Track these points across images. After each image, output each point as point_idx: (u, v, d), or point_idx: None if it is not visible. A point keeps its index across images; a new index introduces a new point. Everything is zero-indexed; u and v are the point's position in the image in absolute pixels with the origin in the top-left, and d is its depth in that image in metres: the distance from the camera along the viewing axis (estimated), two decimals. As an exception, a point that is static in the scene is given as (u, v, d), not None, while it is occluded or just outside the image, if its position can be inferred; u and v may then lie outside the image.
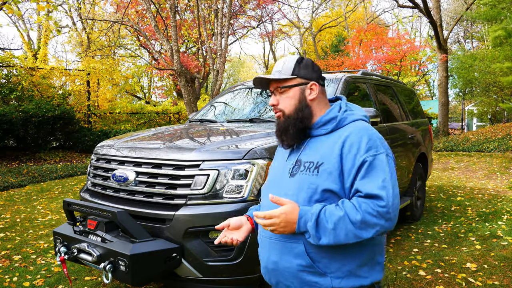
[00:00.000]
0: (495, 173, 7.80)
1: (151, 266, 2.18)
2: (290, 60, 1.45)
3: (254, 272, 2.31)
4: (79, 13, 17.51)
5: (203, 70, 11.16)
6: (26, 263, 3.55)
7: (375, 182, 1.25)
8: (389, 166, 1.30)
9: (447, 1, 30.03)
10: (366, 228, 1.22)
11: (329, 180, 1.30)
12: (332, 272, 1.30)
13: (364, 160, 1.28)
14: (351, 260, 1.31)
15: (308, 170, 1.35)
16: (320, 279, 1.30)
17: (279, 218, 1.25)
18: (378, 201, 1.23)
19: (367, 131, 1.35)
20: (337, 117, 1.41)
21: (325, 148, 1.36)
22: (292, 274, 1.34)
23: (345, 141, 1.32)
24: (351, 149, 1.30)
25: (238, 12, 15.44)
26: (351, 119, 1.41)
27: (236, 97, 4.10)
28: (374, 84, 4.26)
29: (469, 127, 23.03)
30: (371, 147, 1.30)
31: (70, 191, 6.82)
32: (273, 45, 27.21)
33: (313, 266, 1.31)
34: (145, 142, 2.84)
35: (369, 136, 1.33)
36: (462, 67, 16.25)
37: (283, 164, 1.47)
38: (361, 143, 1.30)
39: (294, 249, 1.33)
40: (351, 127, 1.37)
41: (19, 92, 10.57)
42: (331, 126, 1.40)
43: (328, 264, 1.30)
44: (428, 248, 3.80)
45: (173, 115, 14.38)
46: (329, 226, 1.23)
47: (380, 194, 1.23)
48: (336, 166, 1.30)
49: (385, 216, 1.22)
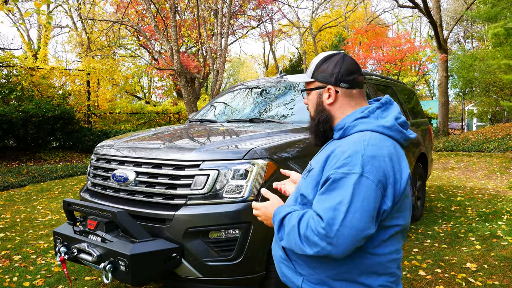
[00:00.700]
0: (495, 173, 7.80)
1: (151, 266, 2.18)
2: (315, 61, 1.41)
3: (254, 272, 2.32)
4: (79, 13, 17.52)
5: (203, 70, 11.17)
6: (26, 263, 3.55)
7: (327, 202, 1.15)
8: (357, 190, 1.13)
9: (447, 1, 30.05)
10: (309, 244, 1.17)
11: (308, 186, 1.30)
12: (305, 275, 1.30)
13: (329, 176, 1.19)
14: (322, 270, 1.26)
15: (305, 172, 1.40)
16: (293, 276, 1.33)
17: (260, 211, 1.40)
18: (321, 222, 1.14)
19: (359, 144, 1.21)
20: (345, 125, 1.33)
21: (322, 154, 1.33)
22: (277, 263, 1.42)
23: (332, 152, 1.25)
24: (331, 161, 1.23)
25: (238, 12, 15.44)
26: (359, 129, 1.28)
27: (236, 97, 4.10)
28: (374, 84, 4.26)
29: (469, 127, 23.03)
30: (346, 164, 1.17)
31: (70, 191, 6.83)
32: (273, 45, 27.20)
33: (289, 262, 1.34)
34: (145, 142, 2.84)
35: (354, 151, 1.19)
36: (462, 66, 16.26)
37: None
38: (340, 157, 1.20)
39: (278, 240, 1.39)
40: (350, 139, 1.27)
41: (19, 92, 10.57)
42: (339, 133, 1.35)
43: (303, 267, 1.31)
44: (428, 248, 3.80)
45: (173, 115, 14.38)
46: (286, 231, 1.25)
47: (323, 216, 1.14)
48: (316, 175, 1.28)
49: (326, 240, 1.13)
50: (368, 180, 1.14)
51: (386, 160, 1.19)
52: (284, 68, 27.99)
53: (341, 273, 1.25)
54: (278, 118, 3.33)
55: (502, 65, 10.68)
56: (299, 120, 3.16)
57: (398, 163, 1.22)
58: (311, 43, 25.70)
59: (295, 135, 2.79)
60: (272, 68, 30.89)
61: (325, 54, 1.41)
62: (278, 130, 2.87)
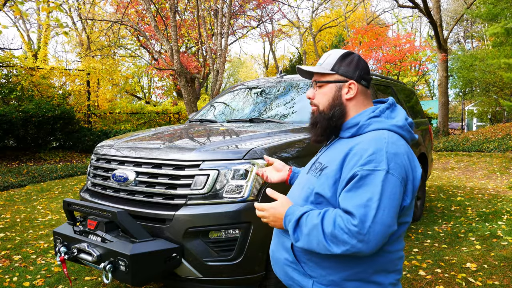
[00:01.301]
0: (495, 173, 7.80)
1: (151, 266, 2.18)
2: (334, 54, 1.40)
3: (254, 272, 2.32)
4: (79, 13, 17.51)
5: (203, 70, 11.17)
6: (26, 263, 3.55)
7: (357, 198, 1.14)
8: (385, 186, 1.14)
9: (447, 1, 30.05)
10: (337, 243, 1.15)
11: (324, 185, 1.27)
12: (316, 277, 1.27)
13: (355, 173, 1.18)
14: (337, 271, 1.25)
15: (314, 171, 1.36)
16: (303, 279, 1.30)
17: (268, 212, 1.32)
18: (353, 219, 1.13)
19: (380, 142, 1.22)
20: (359, 123, 1.32)
21: (335, 152, 1.32)
22: (280, 266, 1.38)
23: (351, 149, 1.24)
24: (352, 159, 1.22)
25: (238, 12, 15.45)
26: (374, 127, 1.29)
27: (236, 97, 4.10)
28: (374, 84, 4.26)
29: (469, 127, 23.03)
30: (371, 160, 1.17)
31: (70, 191, 6.83)
32: (273, 45, 27.21)
33: (298, 264, 1.31)
34: (145, 142, 2.84)
35: (378, 148, 1.20)
36: (462, 66, 16.25)
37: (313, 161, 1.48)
38: (363, 154, 1.19)
39: (284, 243, 1.37)
40: (368, 136, 1.27)
41: (19, 92, 10.57)
42: (352, 131, 1.34)
43: (314, 269, 1.28)
44: (428, 248, 3.80)
45: (173, 115, 14.38)
46: (305, 231, 1.21)
47: (355, 213, 1.13)
48: (334, 173, 1.25)
49: (357, 237, 1.12)
50: (394, 177, 1.16)
51: (405, 158, 1.22)
52: (284, 68, 27.97)
53: (357, 272, 1.24)
54: (278, 118, 3.33)
55: (502, 64, 10.68)
56: (299, 120, 3.16)
57: (414, 161, 1.26)
58: (311, 43, 25.71)
59: (295, 135, 2.79)
60: (272, 68, 30.89)
61: (342, 50, 1.43)
62: (278, 130, 2.87)
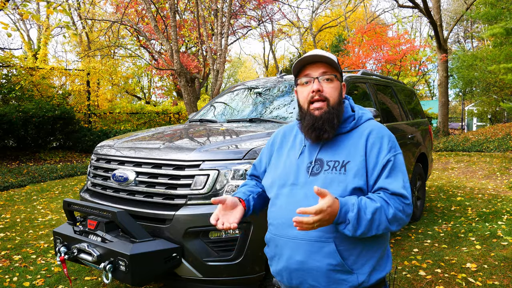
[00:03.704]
0: (495, 173, 7.80)
1: (151, 266, 2.18)
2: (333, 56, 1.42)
3: (254, 272, 2.32)
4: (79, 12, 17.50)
5: (203, 70, 11.16)
6: (26, 263, 3.55)
7: (398, 181, 1.32)
8: (404, 165, 1.38)
9: (447, 1, 30.05)
10: (395, 222, 1.30)
11: (357, 178, 1.33)
12: (358, 269, 1.33)
13: (389, 159, 1.34)
14: (373, 254, 1.35)
15: (334, 169, 1.35)
16: (348, 276, 1.32)
17: (325, 212, 1.19)
18: (404, 199, 1.31)
19: (385, 130, 1.42)
20: (355, 115, 1.44)
21: (349, 147, 1.38)
22: (321, 273, 1.32)
23: (368, 139, 1.37)
24: (373, 147, 1.35)
25: (238, 12, 15.44)
26: (366, 118, 1.45)
27: (236, 97, 4.10)
28: (374, 84, 4.26)
29: (469, 127, 23.02)
30: (392, 147, 1.37)
31: (70, 191, 6.82)
32: (273, 45, 27.19)
33: (343, 265, 1.31)
34: (145, 142, 2.84)
35: (389, 136, 1.40)
36: (463, 66, 16.25)
37: (294, 162, 1.43)
38: (383, 142, 1.37)
39: (323, 248, 1.32)
40: (369, 126, 1.42)
41: (19, 92, 10.57)
42: (350, 125, 1.42)
43: (356, 261, 1.33)
44: (428, 248, 3.80)
45: (173, 115, 14.38)
46: (367, 217, 1.25)
47: (405, 194, 1.31)
48: (362, 164, 1.34)
49: (407, 212, 1.32)
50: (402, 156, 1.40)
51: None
52: (284, 68, 27.98)
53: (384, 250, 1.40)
54: (278, 118, 3.33)
55: (502, 70, 10.66)
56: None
57: None
58: (311, 43, 25.70)
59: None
60: (272, 68, 30.88)
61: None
62: (278, 130, 2.87)
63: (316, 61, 1.40)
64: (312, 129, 1.37)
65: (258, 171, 1.66)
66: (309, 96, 1.39)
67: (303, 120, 1.42)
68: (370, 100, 4.00)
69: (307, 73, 1.41)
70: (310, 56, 1.39)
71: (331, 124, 1.36)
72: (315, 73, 1.39)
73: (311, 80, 1.39)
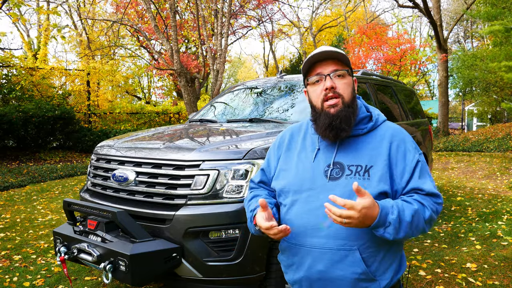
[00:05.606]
0: (495, 173, 7.80)
1: (151, 266, 2.18)
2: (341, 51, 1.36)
3: (254, 272, 2.31)
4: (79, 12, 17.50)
5: (203, 70, 11.16)
6: (26, 263, 3.55)
7: (428, 181, 1.31)
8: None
9: (447, 1, 30.05)
10: (430, 223, 1.28)
11: (382, 182, 1.28)
12: (381, 275, 1.31)
13: (418, 159, 1.33)
14: (394, 259, 1.34)
15: (357, 174, 1.29)
16: (370, 284, 1.30)
17: (359, 212, 1.13)
18: (436, 199, 1.30)
19: (404, 131, 1.40)
20: (372, 116, 1.39)
21: (370, 150, 1.32)
22: (346, 283, 1.28)
23: (391, 142, 1.34)
24: (399, 149, 1.33)
25: (238, 12, 15.44)
26: (383, 119, 1.42)
27: (236, 97, 4.10)
28: (374, 84, 4.26)
29: (469, 127, 23.01)
30: (415, 147, 1.36)
31: (70, 191, 6.82)
32: (273, 45, 27.19)
33: (367, 273, 1.28)
34: (145, 142, 2.84)
35: (409, 136, 1.39)
36: (463, 65, 16.23)
37: (309, 166, 1.36)
38: (407, 144, 1.35)
39: (347, 257, 1.27)
40: (389, 128, 1.39)
41: (19, 92, 10.57)
42: (367, 126, 1.36)
43: (378, 267, 1.30)
44: (428, 248, 3.80)
45: (173, 115, 14.38)
46: (407, 219, 1.21)
47: (438, 193, 1.31)
48: (386, 169, 1.29)
49: (439, 212, 1.32)
50: None
51: None
52: (284, 68, 27.97)
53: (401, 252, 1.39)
54: (278, 118, 3.33)
55: (502, 67, 10.66)
56: (299, 120, 3.15)
57: None
58: (311, 43, 25.69)
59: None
60: (272, 68, 30.88)
61: None
62: (278, 130, 2.87)
63: (325, 58, 1.35)
64: (330, 128, 1.30)
65: (267, 176, 1.54)
66: (322, 94, 1.33)
67: (318, 119, 1.35)
68: (370, 100, 4.00)
69: (318, 71, 1.35)
70: (319, 54, 1.34)
71: (349, 122, 1.31)
72: (326, 71, 1.33)
73: (322, 78, 1.34)
